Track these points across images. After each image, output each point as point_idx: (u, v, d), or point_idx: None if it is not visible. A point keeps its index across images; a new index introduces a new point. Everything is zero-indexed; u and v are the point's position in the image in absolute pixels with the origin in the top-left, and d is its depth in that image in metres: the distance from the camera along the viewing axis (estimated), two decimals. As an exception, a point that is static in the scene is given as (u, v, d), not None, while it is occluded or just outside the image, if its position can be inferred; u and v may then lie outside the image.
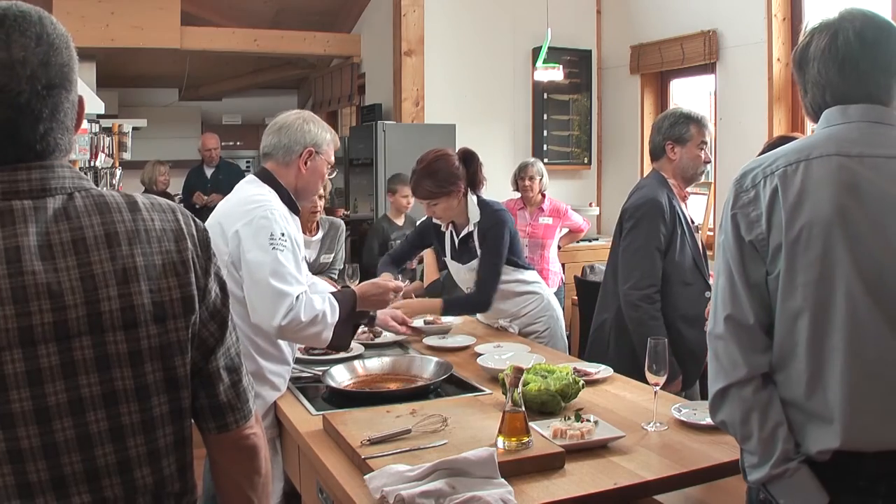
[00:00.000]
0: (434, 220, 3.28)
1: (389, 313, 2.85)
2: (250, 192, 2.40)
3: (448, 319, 3.30)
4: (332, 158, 2.54)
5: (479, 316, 3.41)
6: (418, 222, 3.58)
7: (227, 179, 6.58)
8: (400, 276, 3.52)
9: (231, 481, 1.27)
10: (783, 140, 2.64)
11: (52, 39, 1.08)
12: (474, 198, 3.17)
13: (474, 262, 3.18)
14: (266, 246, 2.24)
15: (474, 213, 3.16)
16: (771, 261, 1.42)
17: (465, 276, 3.25)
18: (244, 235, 2.27)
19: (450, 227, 3.25)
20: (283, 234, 2.28)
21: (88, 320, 1.05)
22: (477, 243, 3.17)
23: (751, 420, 1.41)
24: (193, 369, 1.17)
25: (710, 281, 2.74)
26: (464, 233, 3.20)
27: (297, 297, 2.24)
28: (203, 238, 1.19)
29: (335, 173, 2.65)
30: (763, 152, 2.63)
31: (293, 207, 2.46)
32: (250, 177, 2.52)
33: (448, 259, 3.31)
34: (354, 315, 2.42)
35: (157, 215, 1.15)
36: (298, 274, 2.30)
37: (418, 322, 3.21)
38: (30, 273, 1.02)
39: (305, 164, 2.44)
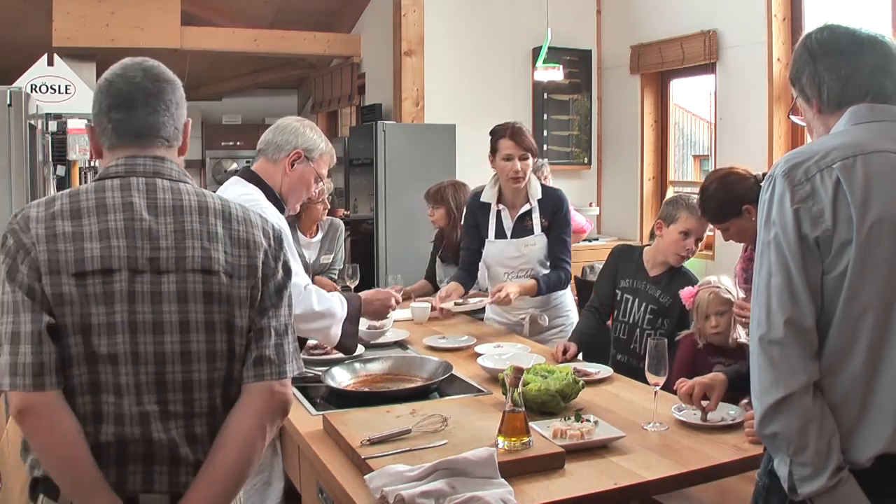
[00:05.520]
0: (482, 200, 3.33)
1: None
2: (237, 193, 2.37)
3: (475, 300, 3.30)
4: (324, 171, 2.53)
5: (500, 309, 3.41)
6: (461, 223, 3.56)
7: None
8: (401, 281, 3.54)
9: (246, 420, 1.43)
10: (724, 176, 2.54)
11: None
12: (534, 177, 3.28)
13: (530, 238, 3.26)
14: None
15: (536, 192, 3.27)
16: (832, 259, 1.36)
17: (515, 252, 3.28)
18: None
19: (499, 206, 3.31)
20: None
21: (176, 262, 1.39)
22: (537, 221, 3.26)
23: (809, 430, 1.34)
24: (250, 325, 1.45)
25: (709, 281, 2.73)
26: (522, 210, 3.28)
27: (305, 286, 2.31)
28: (277, 235, 1.53)
29: (322, 185, 2.66)
30: (703, 190, 2.55)
31: (280, 208, 2.45)
32: (234, 178, 2.49)
33: (491, 239, 3.33)
34: (359, 317, 2.48)
35: (241, 210, 1.50)
36: (298, 267, 2.35)
37: (448, 304, 3.22)
38: (139, 219, 1.40)
39: (292, 165, 2.43)
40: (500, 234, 3.31)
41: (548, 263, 3.29)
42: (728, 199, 2.49)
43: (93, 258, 1.35)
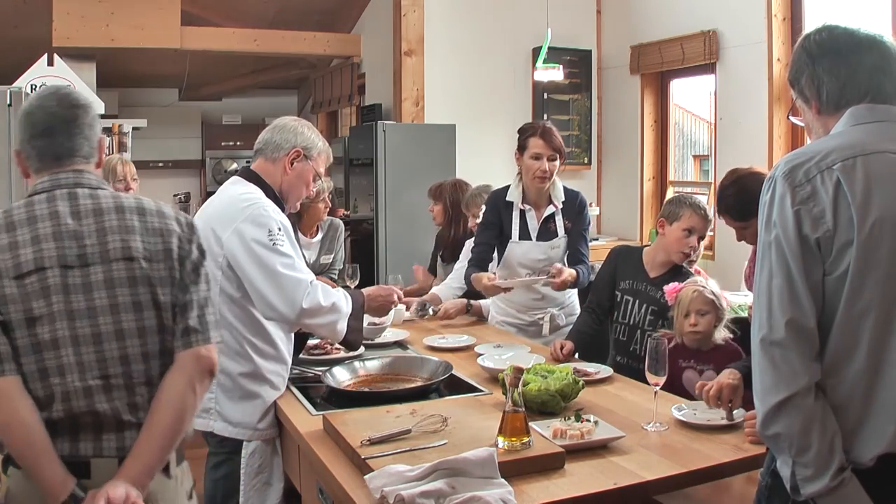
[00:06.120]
0: (507, 199, 3.32)
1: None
2: (238, 192, 2.40)
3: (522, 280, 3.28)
4: (321, 169, 2.56)
5: (513, 310, 3.40)
6: (478, 220, 3.56)
7: None
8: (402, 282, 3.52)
9: (176, 382, 1.61)
10: (747, 175, 2.50)
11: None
12: (558, 179, 3.30)
13: (555, 241, 3.29)
14: (267, 242, 2.28)
15: (559, 194, 3.30)
16: (833, 260, 1.36)
17: (542, 255, 3.28)
18: (242, 235, 2.28)
19: (523, 207, 3.31)
20: (279, 229, 2.33)
21: (100, 255, 1.60)
22: (560, 223, 3.29)
23: (811, 431, 1.34)
24: (174, 301, 1.65)
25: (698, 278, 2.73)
26: (547, 213, 3.29)
27: (311, 281, 2.33)
28: (187, 221, 1.73)
29: (320, 184, 2.69)
30: (724, 188, 2.52)
31: (280, 206, 2.45)
32: (234, 178, 2.50)
33: (515, 240, 3.31)
34: (362, 313, 2.50)
35: (155, 205, 1.71)
36: (301, 262, 2.36)
37: (499, 281, 3.20)
38: (64, 224, 1.61)
39: (292, 163, 2.45)
40: (524, 234, 3.31)
41: (566, 262, 3.30)
42: (751, 199, 2.46)
43: (27, 261, 1.57)
